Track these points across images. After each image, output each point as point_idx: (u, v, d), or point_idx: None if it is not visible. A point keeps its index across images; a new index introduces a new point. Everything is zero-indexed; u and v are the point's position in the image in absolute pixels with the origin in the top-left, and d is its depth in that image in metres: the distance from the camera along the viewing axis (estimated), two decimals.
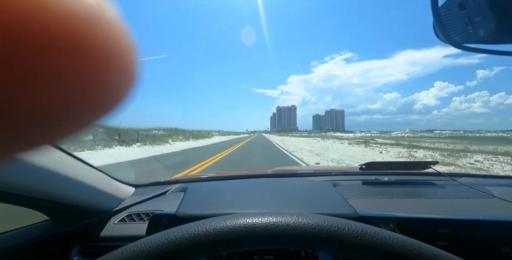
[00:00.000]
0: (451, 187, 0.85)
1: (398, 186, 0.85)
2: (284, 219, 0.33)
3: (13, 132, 0.08)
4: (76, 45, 0.08)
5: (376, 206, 0.68)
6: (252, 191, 0.78)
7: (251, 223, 0.33)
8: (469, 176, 0.99)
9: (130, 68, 0.10)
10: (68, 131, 0.10)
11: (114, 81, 0.10)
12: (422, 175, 1.00)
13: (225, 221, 0.33)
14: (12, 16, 0.07)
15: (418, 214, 0.62)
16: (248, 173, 1.11)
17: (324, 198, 0.71)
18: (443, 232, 0.58)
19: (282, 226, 0.32)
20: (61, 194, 0.55)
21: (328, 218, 0.34)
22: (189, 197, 0.74)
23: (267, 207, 0.64)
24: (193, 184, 0.93)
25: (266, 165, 6.11)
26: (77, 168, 0.59)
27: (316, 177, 1.00)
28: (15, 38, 0.07)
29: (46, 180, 0.50)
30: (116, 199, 0.75)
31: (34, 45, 0.07)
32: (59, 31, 0.08)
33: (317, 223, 0.33)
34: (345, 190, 0.80)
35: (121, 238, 0.66)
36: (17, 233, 0.56)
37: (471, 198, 0.74)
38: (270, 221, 0.33)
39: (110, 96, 0.10)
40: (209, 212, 0.61)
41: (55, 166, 0.52)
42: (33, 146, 0.09)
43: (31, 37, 0.07)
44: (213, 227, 0.32)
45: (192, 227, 0.33)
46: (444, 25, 0.26)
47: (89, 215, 0.67)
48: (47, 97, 0.08)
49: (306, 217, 0.34)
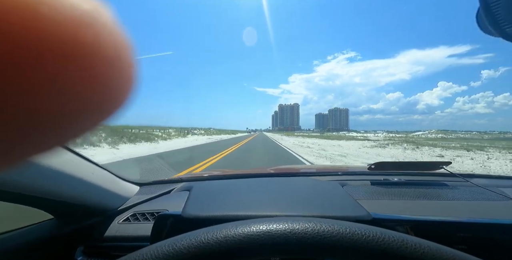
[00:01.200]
0: (464, 188, 0.83)
1: (409, 187, 0.83)
2: (302, 226, 0.31)
3: (14, 137, 0.08)
4: (71, 51, 0.08)
5: (389, 208, 0.66)
6: (259, 191, 0.76)
7: (266, 230, 0.30)
8: (481, 177, 0.97)
9: (128, 71, 0.10)
10: (71, 134, 0.10)
11: (112, 84, 0.10)
12: (433, 175, 0.98)
13: (237, 228, 0.30)
14: (5, 21, 0.07)
15: (435, 217, 0.59)
16: (253, 172, 1.10)
17: (333, 199, 0.69)
18: (461, 236, 0.56)
19: (300, 233, 0.30)
20: (66, 193, 0.54)
21: (349, 225, 0.31)
22: (194, 196, 0.73)
23: (276, 208, 0.62)
24: (198, 183, 0.92)
25: None
26: (82, 167, 0.58)
27: (323, 177, 0.98)
28: (8, 43, 0.07)
29: (51, 179, 0.49)
30: (121, 198, 0.74)
31: (28, 51, 0.07)
32: (53, 37, 0.08)
33: (338, 230, 0.30)
34: (354, 191, 0.77)
35: (126, 238, 0.65)
36: (21, 232, 0.56)
37: (486, 200, 0.71)
38: (286, 228, 0.30)
39: (109, 99, 0.10)
40: (215, 214, 0.59)
41: (60, 165, 0.51)
42: (38, 151, 0.09)
43: (25, 42, 0.07)
44: (224, 235, 0.29)
45: (201, 235, 0.30)
46: (494, 15, 0.23)
47: (94, 214, 0.66)
48: (45, 101, 0.08)
49: (325, 223, 0.31)
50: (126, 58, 0.10)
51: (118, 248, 0.65)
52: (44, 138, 0.09)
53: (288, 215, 0.58)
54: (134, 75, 0.10)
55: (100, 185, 0.63)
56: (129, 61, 0.10)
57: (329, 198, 0.69)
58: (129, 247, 0.63)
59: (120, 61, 0.10)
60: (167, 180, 0.99)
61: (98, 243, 0.65)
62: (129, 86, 0.10)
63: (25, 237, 0.55)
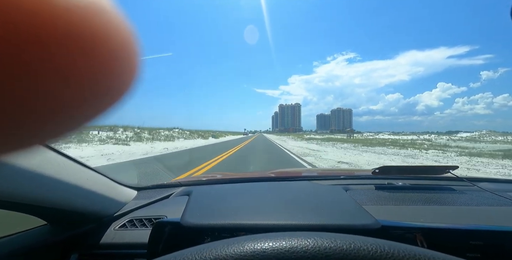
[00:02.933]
0: (472, 193, 0.80)
1: (415, 192, 0.80)
2: (301, 243, 0.28)
3: (28, 126, 0.08)
4: (75, 40, 0.08)
5: (396, 214, 0.63)
6: (259, 197, 0.74)
7: (260, 249, 0.27)
8: (489, 181, 0.94)
9: (131, 63, 0.10)
10: (66, 128, 0.09)
11: (115, 76, 0.09)
12: (438, 180, 0.95)
13: (228, 247, 0.28)
14: (12, 11, 0.07)
15: (447, 224, 0.57)
16: (253, 176, 1.08)
17: (338, 204, 0.67)
18: (474, 244, 0.53)
19: (299, 252, 0.27)
20: (56, 199, 0.51)
21: (353, 239, 0.28)
22: (193, 202, 0.71)
23: (277, 216, 0.59)
24: (198, 187, 0.90)
25: None
26: (74, 171, 0.56)
27: (325, 181, 0.95)
28: (14, 33, 0.07)
29: (39, 185, 0.46)
30: (117, 203, 0.72)
31: (33, 41, 0.07)
32: (58, 27, 0.08)
33: (342, 247, 0.27)
34: (358, 195, 0.75)
35: (122, 245, 0.63)
36: (12, 239, 0.54)
37: (497, 206, 0.68)
38: (283, 246, 0.27)
39: (111, 91, 0.10)
40: (214, 222, 0.57)
41: (49, 170, 0.48)
42: (26, 144, 0.09)
43: (31, 32, 0.07)
44: (214, 257, 0.26)
45: (188, 257, 0.27)
46: None
47: (89, 220, 0.64)
48: (44, 92, 0.08)
49: (327, 238, 0.28)
50: (130, 49, 0.10)
51: (114, 255, 0.63)
52: (36, 131, 0.09)
53: (289, 224, 0.55)
54: (138, 67, 0.10)
55: (94, 190, 0.60)
56: (133, 52, 0.10)
57: (333, 204, 0.67)
58: (126, 255, 0.62)
59: (124, 51, 0.09)
60: (166, 184, 0.96)
61: (93, 251, 0.63)
62: (131, 78, 0.10)
63: (17, 243, 0.53)
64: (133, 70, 0.10)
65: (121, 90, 0.10)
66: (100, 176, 0.65)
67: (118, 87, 0.10)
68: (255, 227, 0.55)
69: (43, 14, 0.07)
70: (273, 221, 0.56)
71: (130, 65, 0.10)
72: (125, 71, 0.10)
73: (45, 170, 0.46)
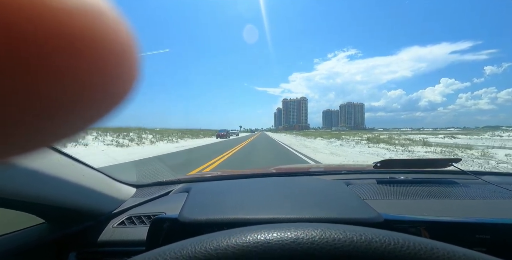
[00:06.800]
0: (476, 186, 0.78)
1: (417, 185, 0.79)
2: (307, 234, 0.26)
3: (10, 133, 0.08)
4: (74, 43, 0.08)
5: (399, 208, 0.62)
6: (260, 192, 0.73)
7: (264, 240, 0.25)
8: (493, 174, 0.94)
9: (131, 65, 0.10)
10: (68, 130, 0.09)
11: (115, 78, 0.09)
12: (441, 173, 0.94)
13: (230, 238, 0.26)
14: (11, 14, 0.07)
15: (451, 218, 0.56)
16: (254, 172, 1.07)
17: (340, 199, 0.66)
18: (481, 237, 0.52)
19: (305, 243, 0.25)
20: (55, 197, 0.52)
21: (364, 231, 0.26)
22: (192, 199, 0.70)
23: (278, 210, 0.59)
24: (197, 184, 0.89)
25: None
26: (72, 168, 0.56)
27: (326, 176, 0.95)
28: (13, 36, 0.07)
29: (38, 183, 0.47)
30: (115, 200, 0.72)
31: (32, 43, 0.07)
32: (57, 29, 0.07)
33: (351, 238, 0.25)
34: (360, 190, 0.74)
35: (121, 242, 0.63)
36: (9, 237, 0.54)
37: (501, 198, 0.67)
38: (289, 236, 0.26)
39: (111, 93, 0.10)
40: (213, 217, 0.56)
41: (47, 167, 0.48)
42: (33, 148, 0.09)
43: (30, 35, 0.07)
44: (215, 247, 0.25)
45: (188, 247, 0.25)
46: None
47: (87, 218, 0.64)
48: (45, 95, 0.08)
49: (335, 229, 0.26)
50: (130, 51, 0.10)
51: (113, 253, 0.63)
52: (40, 134, 0.09)
53: (291, 218, 0.54)
54: (138, 69, 0.10)
55: (91, 187, 0.61)
56: (133, 55, 0.10)
57: (335, 198, 0.66)
58: (124, 252, 0.62)
59: (124, 54, 0.09)
60: (165, 182, 0.96)
61: (91, 248, 0.63)
62: (132, 80, 0.10)
63: (15, 242, 0.53)
64: (133, 72, 0.10)
65: (121, 92, 0.10)
66: (97, 173, 0.65)
67: (119, 89, 0.10)
68: (256, 221, 0.54)
69: (42, 16, 0.07)
70: (274, 215, 0.55)
71: (131, 67, 0.10)
72: (125, 73, 0.10)
73: (41, 167, 0.46)
